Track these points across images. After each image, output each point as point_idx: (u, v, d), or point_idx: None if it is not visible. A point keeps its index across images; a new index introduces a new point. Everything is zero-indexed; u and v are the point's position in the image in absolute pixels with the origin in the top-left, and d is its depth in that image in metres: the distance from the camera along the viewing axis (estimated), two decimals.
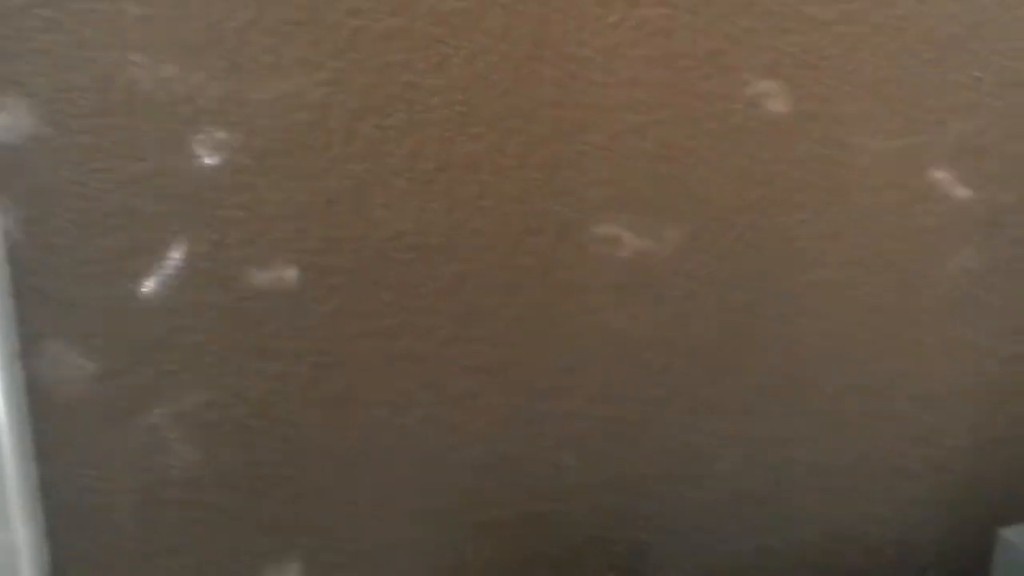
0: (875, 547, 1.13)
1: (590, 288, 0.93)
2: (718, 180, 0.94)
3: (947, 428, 1.11)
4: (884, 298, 1.04)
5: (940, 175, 1.00)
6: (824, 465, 1.07)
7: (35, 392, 0.76)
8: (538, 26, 0.83)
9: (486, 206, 0.86)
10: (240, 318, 0.81)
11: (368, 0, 0.78)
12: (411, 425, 0.89)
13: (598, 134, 0.88)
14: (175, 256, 0.77)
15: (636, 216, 0.92)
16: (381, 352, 0.86)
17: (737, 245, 0.97)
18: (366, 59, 0.79)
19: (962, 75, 0.99)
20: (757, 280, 0.98)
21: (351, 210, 0.82)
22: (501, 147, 0.85)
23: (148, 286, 0.75)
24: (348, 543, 0.90)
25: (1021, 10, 0.98)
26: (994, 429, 1.12)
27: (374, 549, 0.91)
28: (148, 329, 0.79)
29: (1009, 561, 1.02)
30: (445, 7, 0.79)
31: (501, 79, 0.83)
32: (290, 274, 0.81)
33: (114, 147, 0.75)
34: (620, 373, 0.96)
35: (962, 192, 1.02)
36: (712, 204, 0.94)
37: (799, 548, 1.09)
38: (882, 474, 1.10)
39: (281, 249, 0.81)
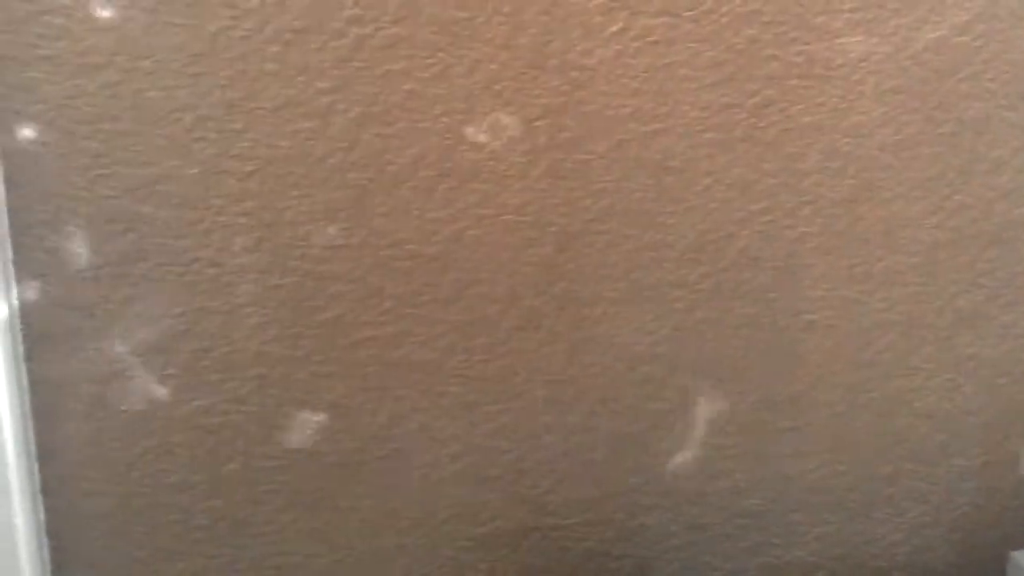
0: (883, 569, 1.17)
1: (592, 300, 0.98)
2: (721, 191, 0.99)
3: (957, 447, 1.15)
4: (892, 314, 1.08)
5: (946, 189, 1.05)
6: (829, 484, 1.11)
7: (38, 393, 0.82)
8: (540, 35, 0.89)
9: (487, 215, 0.92)
10: (237, 325, 0.87)
11: (370, 9, 0.83)
12: (409, 434, 0.95)
13: (600, 143, 0.94)
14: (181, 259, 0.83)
15: (638, 227, 0.97)
16: (380, 360, 0.92)
17: (740, 258, 1.01)
18: (368, 67, 0.85)
19: (975, 86, 1.04)
20: (761, 293, 1.03)
21: (352, 218, 0.87)
22: (503, 156, 0.91)
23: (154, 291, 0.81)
24: (344, 551, 0.96)
25: None
26: (1005, 448, 1.16)
27: (370, 558, 0.97)
28: (150, 332, 0.85)
29: None
30: (446, 16, 0.85)
31: (503, 88, 0.89)
32: (290, 280, 0.87)
33: (121, 153, 0.82)
34: (621, 386, 1.01)
35: (970, 207, 1.06)
36: (715, 215, 0.99)
37: (803, 569, 1.14)
38: (890, 494, 1.14)
39: (281, 255, 0.86)
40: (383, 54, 0.84)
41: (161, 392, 0.87)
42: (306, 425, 0.90)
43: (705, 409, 1.04)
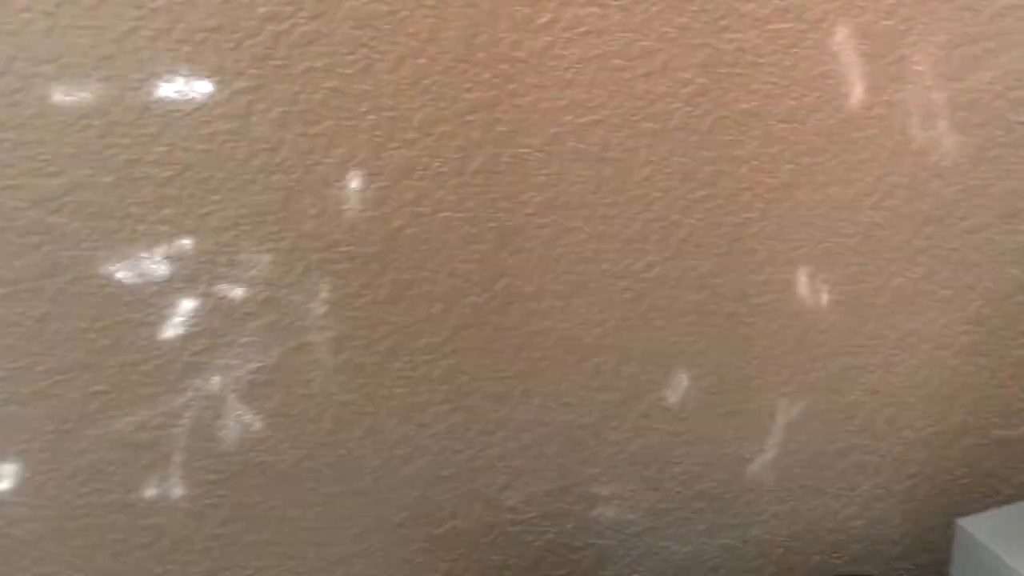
0: (839, 543, 1.03)
1: (537, 294, 0.83)
2: (661, 180, 0.84)
3: (904, 420, 1.01)
4: (834, 294, 0.94)
5: (880, 171, 0.90)
6: (782, 463, 0.97)
7: None
8: (466, 29, 0.73)
9: (423, 213, 0.76)
10: (163, 337, 0.71)
11: (286, 5, 0.68)
12: (356, 439, 0.79)
13: (535, 137, 0.78)
14: (100, 271, 0.67)
15: (579, 219, 0.82)
16: (321, 366, 0.76)
17: (684, 246, 0.87)
18: (287, 65, 0.69)
19: (904, 68, 0.89)
20: (706, 280, 0.89)
21: (281, 221, 0.72)
22: (436, 152, 0.75)
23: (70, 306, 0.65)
24: (295, 561, 0.80)
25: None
26: (951, 419, 1.02)
27: (324, 566, 0.81)
28: (74, 350, 0.69)
29: (967, 550, 0.93)
30: (367, 10, 0.70)
31: (431, 83, 0.73)
32: (220, 289, 0.71)
33: (28, 163, 0.66)
34: (572, 378, 0.86)
35: (904, 187, 0.92)
36: (656, 205, 0.84)
37: (762, 547, 0.99)
38: (842, 469, 1.00)
39: (207, 263, 0.71)
40: (302, 51, 0.69)
41: (92, 407, 0.71)
42: (247, 435, 0.74)
43: (657, 396, 0.89)
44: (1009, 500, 1.08)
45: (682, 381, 0.91)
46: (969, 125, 0.92)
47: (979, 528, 0.94)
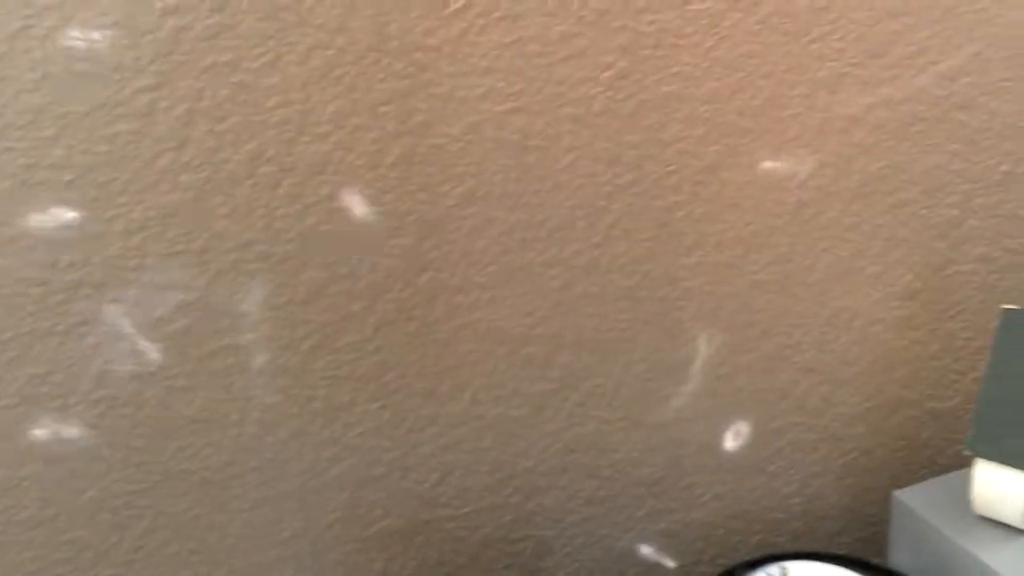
0: (780, 521, 1.07)
1: (461, 287, 0.85)
2: (585, 167, 0.86)
3: (839, 397, 1.05)
4: (765, 275, 0.97)
5: (805, 149, 0.93)
6: (718, 445, 1.00)
7: None
8: (376, 18, 0.74)
9: (339, 208, 0.77)
10: (73, 346, 0.71)
11: None
12: (282, 441, 0.80)
13: (453, 126, 0.80)
14: (2, 280, 0.67)
15: (503, 209, 0.84)
16: (241, 369, 0.77)
17: (612, 231, 0.89)
18: (190, 61, 0.69)
19: (825, 46, 0.92)
20: (636, 265, 0.91)
21: (190, 222, 0.72)
22: (350, 145, 0.76)
23: None
24: (223, 568, 0.81)
25: None
26: (885, 393, 1.07)
27: (254, 572, 0.82)
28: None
29: (903, 520, 0.97)
30: (272, 2, 0.70)
31: (342, 74, 0.74)
32: (130, 295, 0.71)
33: None
34: (503, 370, 0.88)
35: (830, 164, 0.95)
36: (582, 191, 0.86)
37: (703, 530, 1.02)
38: (778, 448, 1.04)
39: (115, 268, 0.71)
40: (206, 45, 0.69)
41: (1, 420, 0.71)
42: (167, 442, 0.75)
43: (591, 384, 0.91)
44: (946, 470, 1.13)
45: (616, 367, 0.93)
46: (893, 101, 0.95)
47: (915, 499, 0.98)
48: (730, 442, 1.01)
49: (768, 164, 0.94)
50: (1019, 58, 0.96)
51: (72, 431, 0.73)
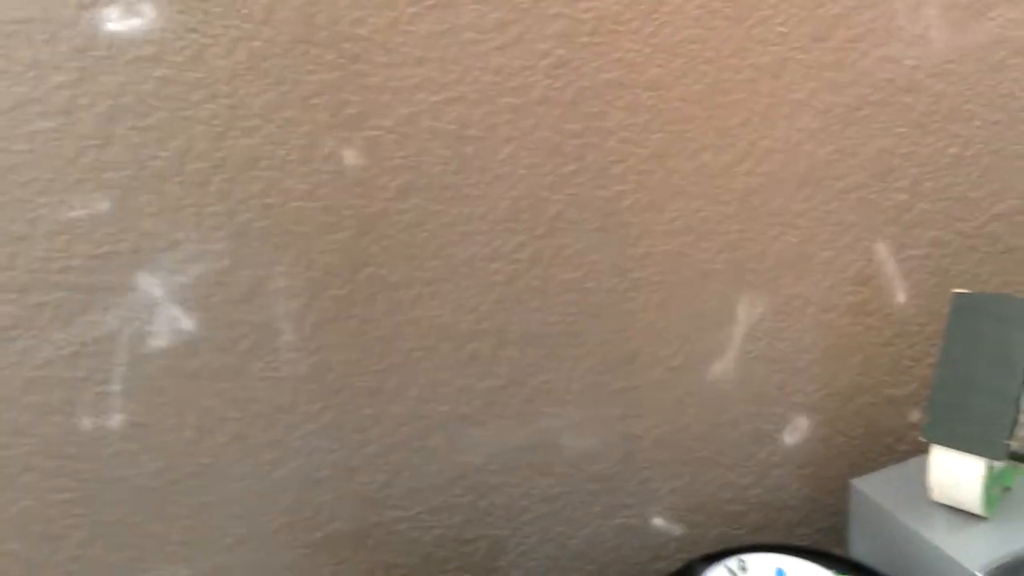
0: (739, 513, 1.08)
1: (405, 282, 0.85)
2: (526, 157, 0.87)
3: (794, 385, 1.07)
4: (715, 263, 0.99)
5: (752, 135, 0.95)
6: (675, 438, 1.01)
7: None
8: (304, 7, 0.75)
9: (273, 203, 0.78)
10: (2, 351, 0.71)
11: None
12: (221, 445, 0.80)
13: (388, 118, 0.80)
14: None
15: (442, 202, 0.84)
16: (176, 372, 0.77)
17: (557, 223, 0.90)
18: (110, 56, 0.70)
19: (768, 31, 0.94)
20: (582, 256, 0.92)
21: (119, 221, 0.72)
22: (281, 140, 0.77)
23: None
24: None
25: None
26: (840, 380, 1.09)
27: None
28: None
29: (861, 509, 0.99)
30: None
31: (270, 67, 0.75)
32: (56, 296, 0.71)
33: None
34: (449, 367, 0.89)
35: (777, 151, 0.97)
36: (524, 182, 0.87)
37: (659, 523, 1.03)
38: (735, 440, 1.05)
39: (41, 270, 0.71)
40: (126, 39, 0.69)
41: None
42: (100, 449, 0.74)
43: (540, 380, 0.92)
44: (904, 457, 1.15)
45: (564, 361, 0.94)
46: (838, 84, 0.97)
47: (873, 487, 1.00)
48: (685, 434, 1.03)
49: (714, 151, 0.95)
50: (962, 39, 0.98)
51: (2, 440, 0.73)
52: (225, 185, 0.75)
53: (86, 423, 0.75)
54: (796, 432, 1.09)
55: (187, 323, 0.77)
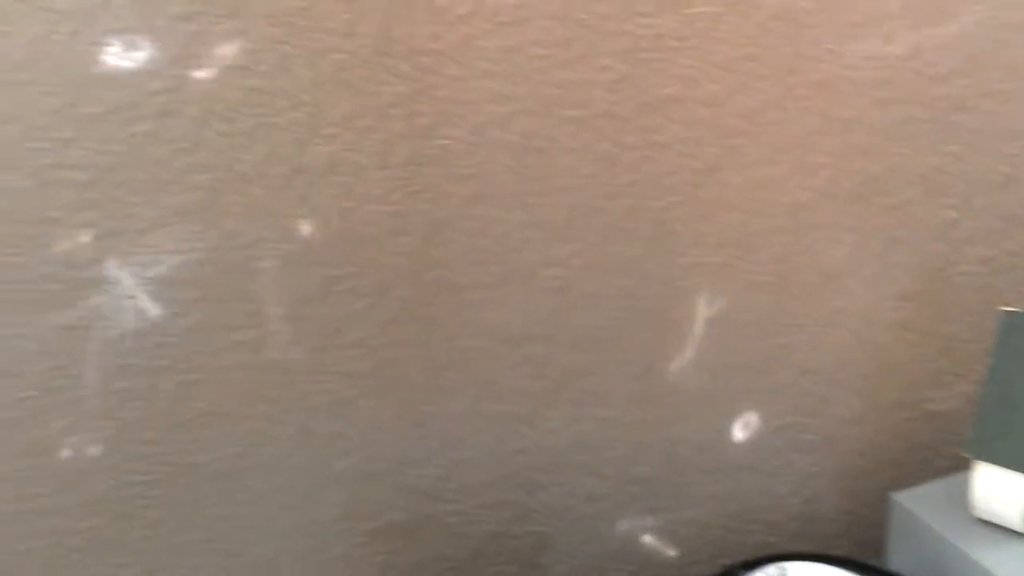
0: (776, 522, 1.13)
1: (467, 285, 0.91)
2: (585, 168, 0.92)
3: (837, 398, 1.11)
4: (761, 275, 1.03)
5: (802, 151, 1.00)
6: (715, 445, 1.06)
7: None
8: (384, 22, 0.80)
9: (348, 207, 0.83)
10: (90, 339, 0.77)
11: (199, 4, 0.74)
12: (287, 437, 0.86)
13: (458, 128, 0.86)
14: (26, 276, 0.73)
15: (505, 209, 0.90)
16: (249, 365, 0.83)
17: (610, 232, 0.95)
18: (203, 64, 0.76)
19: (817, 48, 0.98)
20: (633, 265, 0.97)
21: (204, 220, 0.78)
22: (358, 146, 0.82)
23: None
24: (233, 558, 0.87)
25: None
26: (882, 395, 1.13)
27: (262, 563, 0.88)
28: None
29: (902, 523, 1.02)
30: (282, 7, 0.77)
31: (350, 77, 0.81)
32: (145, 289, 0.78)
33: None
34: (503, 368, 0.94)
35: (827, 166, 1.02)
36: (581, 192, 0.93)
37: (698, 527, 1.08)
38: (775, 449, 1.10)
39: (133, 264, 0.77)
40: (220, 51, 0.75)
41: (15, 415, 0.77)
42: (176, 435, 0.81)
43: (588, 383, 0.97)
44: (944, 473, 1.19)
45: (612, 367, 0.99)
46: (890, 102, 1.02)
47: (914, 502, 1.02)
48: (726, 442, 1.07)
49: (765, 165, 1.00)
50: (1013, 60, 1.02)
51: (86, 424, 0.79)
52: (305, 188, 0.81)
53: (165, 409, 0.81)
54: (836, 444, 1.13)
55: (257, 318, 0.83)
